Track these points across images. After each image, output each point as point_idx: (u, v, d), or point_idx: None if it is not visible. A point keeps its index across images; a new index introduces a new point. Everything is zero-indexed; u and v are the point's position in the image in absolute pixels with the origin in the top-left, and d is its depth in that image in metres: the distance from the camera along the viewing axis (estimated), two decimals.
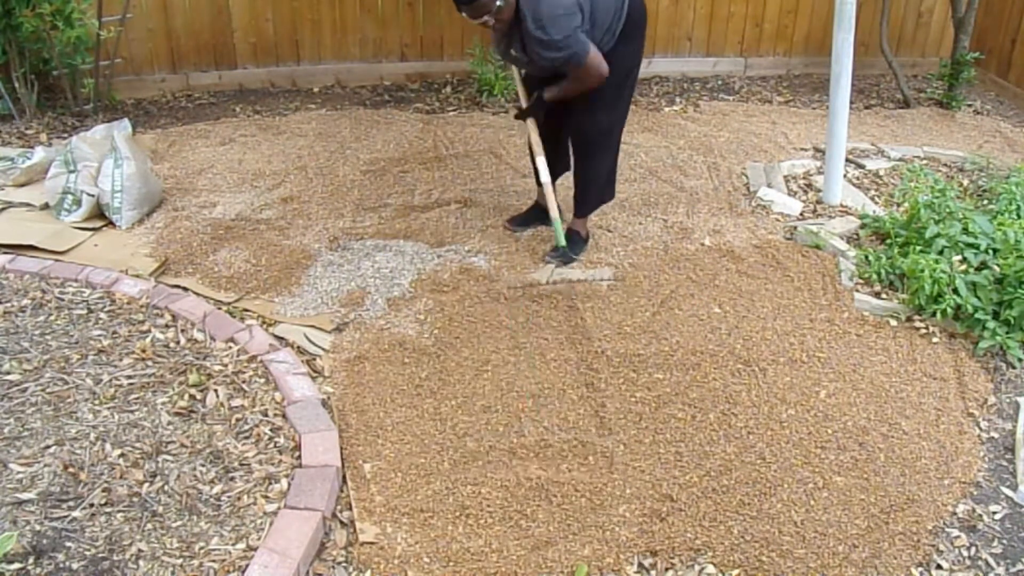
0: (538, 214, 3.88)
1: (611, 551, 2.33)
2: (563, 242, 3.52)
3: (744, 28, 6.10)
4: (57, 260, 3.49)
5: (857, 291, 3.50)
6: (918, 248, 3.53)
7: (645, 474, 2.58)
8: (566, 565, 2.29)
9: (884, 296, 3.48)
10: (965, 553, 2.40)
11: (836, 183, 4.19)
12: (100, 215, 3.84)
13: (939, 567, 2.35)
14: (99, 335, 3.01)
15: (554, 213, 3.50)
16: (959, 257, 3.40)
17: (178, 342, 3.01)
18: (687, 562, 2.32)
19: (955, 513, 2.53)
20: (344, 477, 2.52)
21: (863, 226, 3.94)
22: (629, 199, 4.25)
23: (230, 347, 2.99)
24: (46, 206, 3.88)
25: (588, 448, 2.67)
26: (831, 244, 3.77)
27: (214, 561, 2.18)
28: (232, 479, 2.44)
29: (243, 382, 2.83)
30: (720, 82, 6.07)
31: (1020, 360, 3.16)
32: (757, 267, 3.67)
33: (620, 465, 2.61)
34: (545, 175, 3.50)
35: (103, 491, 2.35)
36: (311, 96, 5.55)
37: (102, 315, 3.13)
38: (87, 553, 2.18)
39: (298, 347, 3.08)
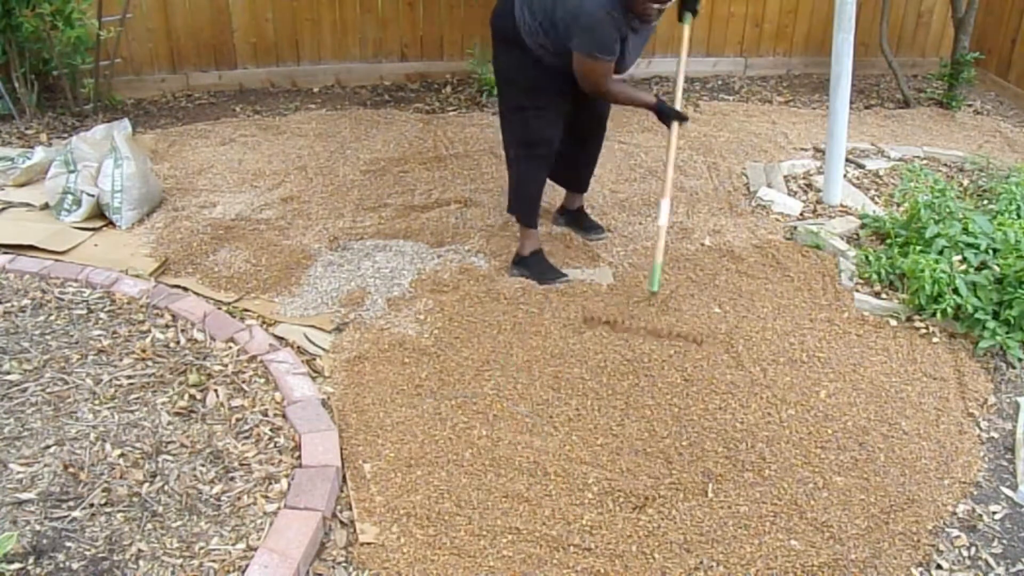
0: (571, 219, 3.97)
1: (607, 549, 2.33)
2: (656, 287, 3.30)
3: (744, 28, 6.10)
4: (57, 260, 3.49)
5: (857, 291, 3.50)
6: (918, 248, 3.53)
7: (643, 471, 2.58)
8: (567, 566, 2.29)
9: (884, 296, 3.48)
10: (965, 553, 2.40)
11: (836, 183, 4.19)
12: (100, 215, 3.84)
13: (939, 567, 2.35)
14: (99, 335, 3.01)
15: (660, 257, 3.29)
16: (959, 257, 3.40)
17: (178, 342, 3.01)
18: (677, 558, 2.32)
19: (955, 513, 2.53)
20: (344, 477, 2.52)
21: (863, 226, 3.94)
22: (629, 199, 4.25)
23: (230, 347, 2.99)
24: (46, 206, 3.88)
25: (587, 447, 2.67)
26: (831, 244, 3.77)
27: (214, 561, 2.18)
28: (232, 479, 2.44)
29: (243, 382, 2.83)
30: (720, 82, 6.07)
31: (1020, 360, 3.16)
32: (757, 267, 3.67)
33: (617, 463, 2.61)
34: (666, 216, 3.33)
35: (103, 491, 2.35)
36: (311, 96, 5.55)
37: (102, 315, 3.13)
38: (87, 553, 2.18)
39: (298, 347, 3.08)
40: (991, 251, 3.43)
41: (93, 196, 3.79)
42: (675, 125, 3.41)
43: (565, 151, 3.59)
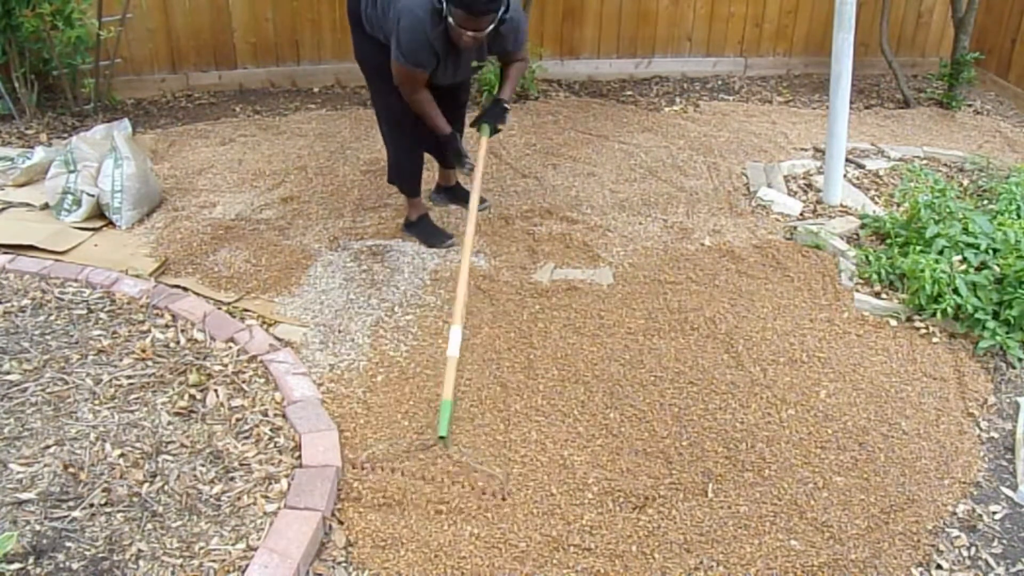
0: (450, 195, 4.16)
1: (607, 549, 2.33)
2: (444, 433, 2.61)
3: (744, 28, 6.10)
4: (57, 260, 3.49)
5: (857, 291, 3.50)
6: (918, 248, 3.53)
7: (643, 471, 2.58)
8: (567, 566, 2.29)
9: (884, 296, 3.48)
10: (965, 553, 2.40)
11: (836, 183, 4.19)
12: (100, 215, 3.84)
13: (939, 567, 2.35)
14: (99, 335, 3.01)
15: (449, 393, 2.68)
16: (959, 257, 3.40)
17: (178, 342, 3.01)
18: (677, 558, 2.32)
19: (955, 513, 2.53)
20: (344, 477, 2.51)
21: (863, 226, 3.95)
22: (629, 199, 4.25)
23: (230, 347, 2.99)
24: (46, 206, 3.88)
25: (585, 447, 2.67)
26: (831, 244, 3.77)
27: (214, 561, 2.18)
28: (232, 479, 2.44)
29: (243, 382, 2.83)
30: (720, 82, 6.07)
31: (1020, 360, 3.16)
32: (757, 267, 3.67)
33: (617, 463, 2.61)
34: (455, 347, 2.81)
35: (103, 491, 2.35)
36: (311, 96, 5.55)
37: (102, 315, 3.13)
38: (87, 553, 2.18)
39: (298, 347, 3.08)
40: (991, 251, 3.43)
41: (93, 196, 3.79)
42: (477, 180, 3.30)
43: None
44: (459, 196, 4.12)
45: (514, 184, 4.37)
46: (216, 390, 2.77)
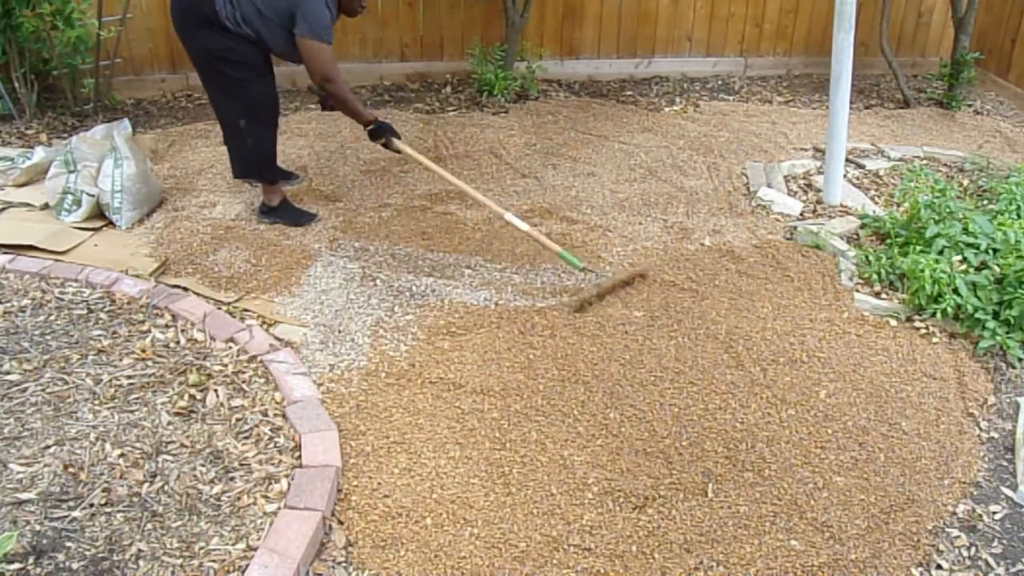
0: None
1: (607, 549, 2.33)
2: (581, 264, 3.49)
3: (744, 28, 6.11)
4: (57, 260, 3.49)
5: (857, 291, 3.50)
6: (918, 248, 3.53)
7: (643, 471, 2.58)
8: (567, 566, 2.29)
9: (884, 296, 3.48)
10: (965, 553, 2.40)
11: (836, 183, 4.19)
12: (100, 215, 3.84)
13: (939, 567, 2.35)
14: (99, 335, 3.01)
15: (556, 247, 3.53)
16: (959, 257, 3.40)
17: (178, 342, 3.01)
18: (677, 558, 2.32)
19: (955, 513, 2.53)
20: (344, 477, 2.52)
21: (863, 226, 3.95)
22: (629, 199, 4.25)
23: (230, 347, 2.99)
24: (46, 206, 3.88)
25: (585, 447, 2.67)
26: (831, 244, 3.77)
27: (214, 561, 2.18)
28: (232, 479, 2.44)
29: (243, 382, 2.83)
30: (720, 82, 6.08)
31: (1020, 360, 3.16)
32: (757, 267, 3.67)
33: (617, 463, 2.61)
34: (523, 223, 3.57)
35: (103, 491, 2.35)
36: (311, 96, 5.55)
37: (102, 315, 3.13)
38: (87, 553, 2.18)
39: (298, 347, 3.08)
40: (991, 251, 3.43)
41: (93, 196, 3.79)
42: (402, 144, 3.70)
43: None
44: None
45: (514, 184, 4.37)
46: (216, 390, 2.77)
